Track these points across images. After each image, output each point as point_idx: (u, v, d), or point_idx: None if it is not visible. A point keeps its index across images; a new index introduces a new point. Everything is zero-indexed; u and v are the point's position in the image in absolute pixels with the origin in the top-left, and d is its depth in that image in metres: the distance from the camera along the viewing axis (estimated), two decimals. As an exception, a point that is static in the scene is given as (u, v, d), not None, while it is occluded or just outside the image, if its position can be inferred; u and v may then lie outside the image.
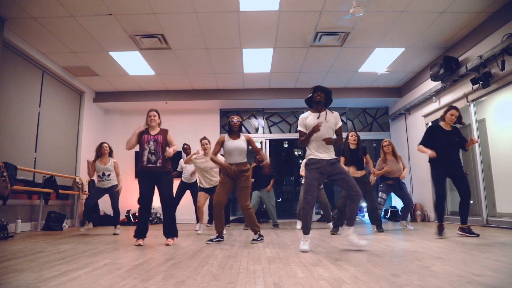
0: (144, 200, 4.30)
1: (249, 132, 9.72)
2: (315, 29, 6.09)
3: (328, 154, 3.64)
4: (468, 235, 4.41)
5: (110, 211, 8.95)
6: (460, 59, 6.53)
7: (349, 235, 3.55)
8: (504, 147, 6.72)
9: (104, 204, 8.71)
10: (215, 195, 4.40)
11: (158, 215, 8.78)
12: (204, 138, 6.01)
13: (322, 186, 6.44)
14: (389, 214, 8.72)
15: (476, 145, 6.31)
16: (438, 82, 7.17)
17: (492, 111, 7.19)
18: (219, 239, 4.41)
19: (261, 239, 4.39)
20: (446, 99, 7.15)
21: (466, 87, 6.43)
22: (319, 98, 3.74)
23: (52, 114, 7.33)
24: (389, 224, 7.25)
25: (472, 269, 2.39)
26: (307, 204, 3.56)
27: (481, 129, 6.72)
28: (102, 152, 6.00)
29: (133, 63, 7.40)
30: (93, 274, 2.43)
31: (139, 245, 4.17)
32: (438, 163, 4.49)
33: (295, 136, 9.87)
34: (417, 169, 8.42)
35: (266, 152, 9.63)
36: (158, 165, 4.28)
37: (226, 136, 4.56)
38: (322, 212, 7.22)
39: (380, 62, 7.54)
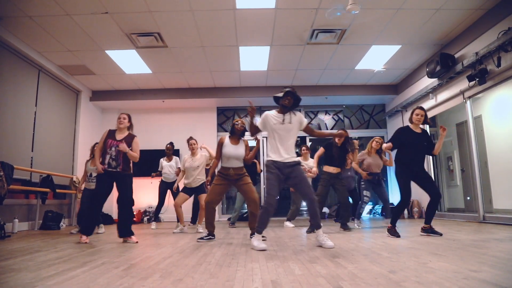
0: (98, 196, 4.36)
1: (246, 131, 9.70)
2: (311, 26, 6.09)
3: (285, 156, 3.65)
4: (432, 234, 4.31)
5: (108, 210, 8.95)
6: (456, 56, 6.55)
7: (318, 235, 3.60)
8: (501, 144, 6.76)
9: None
10: (208, 195, 4.37)
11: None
12: (191, 138, 6.04)
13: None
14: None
15: (473, 141, 6.34)
16: (435, 79, 7.19)
17: (489, 108, 7.22)
18: (210, 237, 4.42)
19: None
20: (443, 96, 7.17)
21: (463, 84, 6.45)
22: (287, 103, 3.73)
23: (48, 113, 7.30)
24: (386, 221, 7.26)
25: (469, 265, 2.41)
26: (266, 205, 3.57)
27: (478, 125, 6.75)
28: (93, 152, 6.00)
29: (130, 62, 7.38)
30: (91, 273, 2.43)
31: (85, 242, 4.29)
32: (404, 163, 4.41)
33: (293, 133, 9.88)
34: (414, 166, 8.44)
35: (263, 150, 9.64)
36: (118, 170, 4.36)
37: (226, 137, 4.50)
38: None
39: (377, 59, 7.55)
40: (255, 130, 3.83)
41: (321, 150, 5.56)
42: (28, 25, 5.79)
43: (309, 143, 9.87)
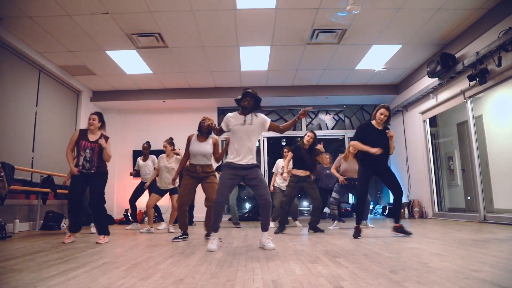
0: (74, 196, 4.39)
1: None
2: (312, 26, 6.09)
3: (242, 158, 3.66)
4: (402, 234, 4.28)
5: (108, 211, 8.96)
6: (457, 55, 6.54)
7: (262, 237, 3.62)
8: (501, 144, 6.76)
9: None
10: (179, 196, 4.44)
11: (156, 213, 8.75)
12: (166, 140, 6.15)
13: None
14: (387, 211, 8.74)
15: (474, 141, 6.33)
16: (435, 79, 7.18)
17: (489, 108, 7.21)
18: (184, 236, 4.50)
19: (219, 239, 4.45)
20: (443, 95, 7.16)
21: (463, 83, 6.44)
22: (246, 104, 3.76)
23: (49, 113, 7.31)
24: (387, 221, 7.27)
25: (470, 265, 2.40)
26: (217, 205, 3.58)
27: (478, 125, 6.74)
28: None
29: (130, 62, 7.38)
30: (92, 273, 2.43)
31: (72, 241, 4.39)
32: (368, 162, 4.40)
33: (293, 134, 9.90)
34: (414, 166, 8.45)
35: (264, 150, 9.63)
36: (92, 171, 4.40)
37: (194, 135, 4.60)
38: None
39: (377, 59, 7.55)
40: (218, 132, 3.90)
41: (290, 155, 5.52)
42: (29, 26, 5.80)
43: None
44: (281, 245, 3.82)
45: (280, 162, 6.77)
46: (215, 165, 4.81)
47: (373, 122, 4.54)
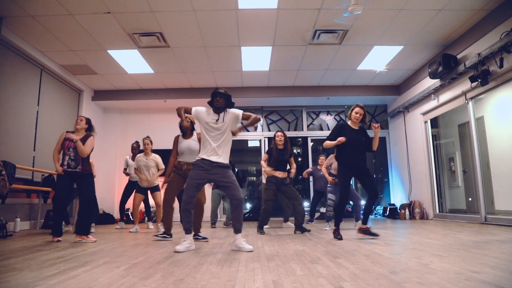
0: (59, 196, 4.46)
1: (247, 131, 9.70)
2: (313, 27, 6.08)
3: (214, 156, 3.60)
4: (369, 236, 4.28)
5: (109, 210, 8.97)
6: (458, 56, 6.53)
7: (236, 239, 3.55)
8: (503, 145, 6.75)
9: (103, 202, 8.70)
10: (164, 193, 4.42)
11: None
12: (147, 137, 6.17)
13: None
14: (388, 212, 8.73)
15: (475, 142, 6.32)
16: (437, 80, 7.18)
17: (491, 109, 7.20)
18: (165, 235, 4.47)
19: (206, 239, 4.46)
20: (445, 96, 7.15)
21: (465, 84, 6.43)
22: (218, 104, 3.72)
23: (50, 112, 7.31)
24: (388, 222, 7.26)
25: (470, 266, 2.40)
26: (185, 204, 3.55)
27: (480, 126, 6.73)
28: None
29: (132, 62, 7.39)
30: (92, 273, 2.43)
31: (58, 241, 4.42)
32: (346, 162, 4.38)
33: (294, 134, 9.89)
34: (416, 167, 8.44)
35: (265, 150, 9.62)
36: (78, 170, 4.49)
37: (180, 135, 4.64)
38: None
39: (379, 60, 7.54)
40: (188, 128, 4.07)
41: (265, 156, 5.53)
42: (31, 25, 5.81)
43: (310, 144, 9.86)
44: (281, 245, 3.82)
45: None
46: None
47: (349, 122, 4.54)
